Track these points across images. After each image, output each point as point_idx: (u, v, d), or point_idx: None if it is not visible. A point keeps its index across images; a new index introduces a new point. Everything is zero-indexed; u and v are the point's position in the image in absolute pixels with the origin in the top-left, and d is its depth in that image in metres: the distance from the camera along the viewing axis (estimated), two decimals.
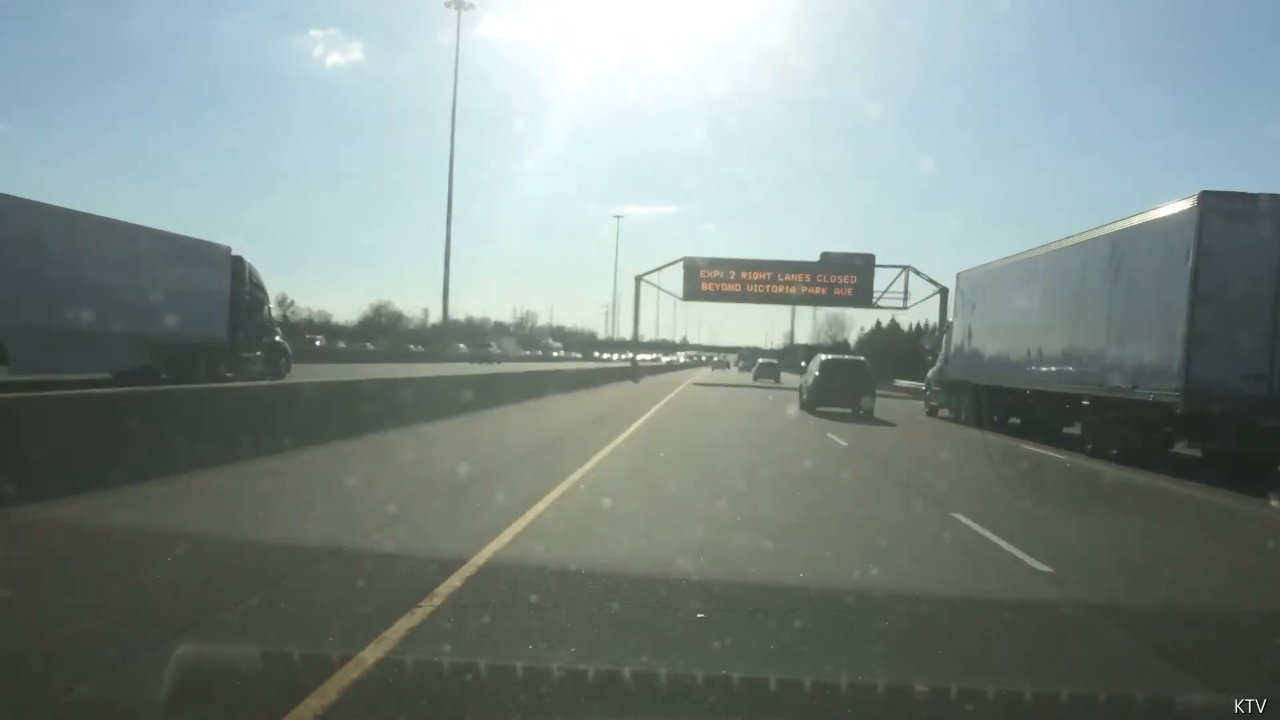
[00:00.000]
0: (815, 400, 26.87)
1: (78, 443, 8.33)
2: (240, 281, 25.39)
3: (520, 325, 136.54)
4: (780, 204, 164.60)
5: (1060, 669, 4.59)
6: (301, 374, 24.96)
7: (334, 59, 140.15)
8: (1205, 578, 7.40)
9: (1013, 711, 3.98)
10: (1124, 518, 10.72)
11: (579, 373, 40.75)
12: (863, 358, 31.09)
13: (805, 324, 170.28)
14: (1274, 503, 11.59)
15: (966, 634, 5.19)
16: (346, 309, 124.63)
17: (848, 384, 26.65)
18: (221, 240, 24.71)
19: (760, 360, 70.21)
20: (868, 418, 25.74)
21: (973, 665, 4.57)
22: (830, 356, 29.65)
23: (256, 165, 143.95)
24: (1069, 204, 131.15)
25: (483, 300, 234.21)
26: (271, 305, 29.31)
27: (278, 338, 28.71)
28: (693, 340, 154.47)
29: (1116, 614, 5.70)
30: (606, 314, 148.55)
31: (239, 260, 25.50)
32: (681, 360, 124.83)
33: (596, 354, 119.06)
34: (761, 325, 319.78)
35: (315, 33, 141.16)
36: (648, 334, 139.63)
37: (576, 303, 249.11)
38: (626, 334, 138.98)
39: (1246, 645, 5.31)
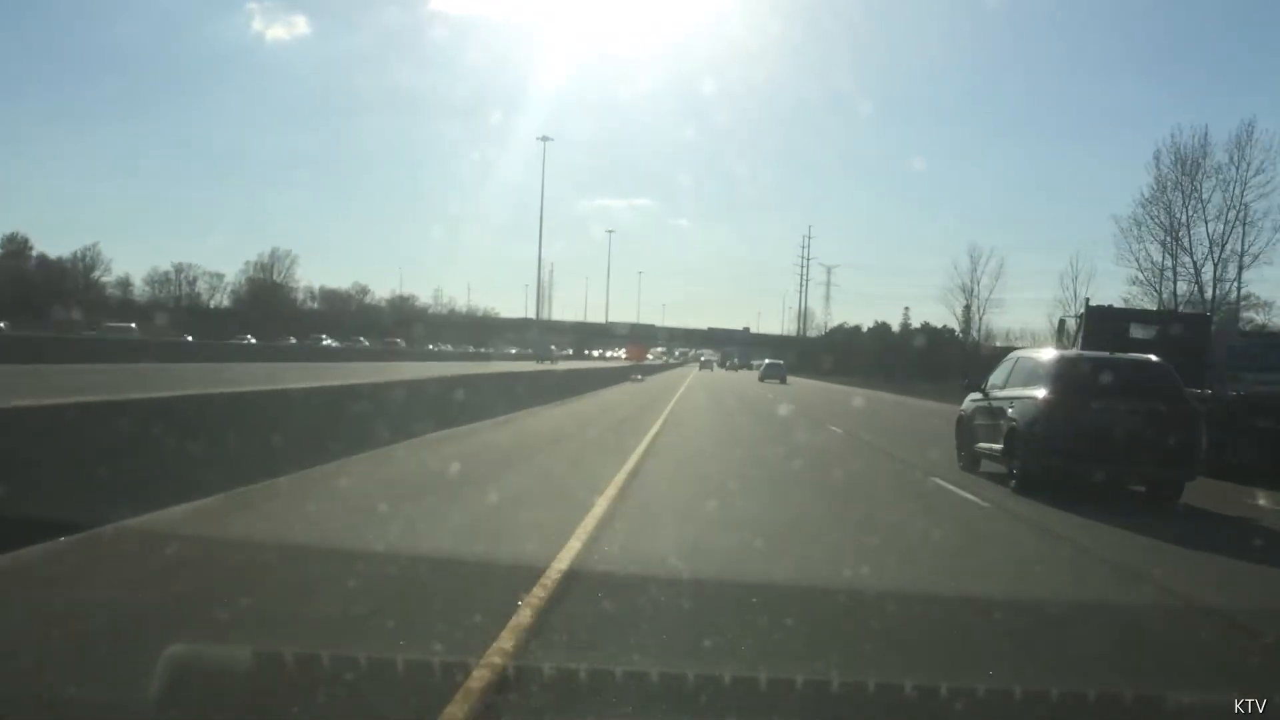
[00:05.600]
0: (1035, 459, 11.15)
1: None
2: None
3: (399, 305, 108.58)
4: (757, 202, 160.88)
5: (1054, 667, 4.60)
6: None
7: (276, 33, 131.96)
8: None
9: (1005, 710, 3.98)
10: None
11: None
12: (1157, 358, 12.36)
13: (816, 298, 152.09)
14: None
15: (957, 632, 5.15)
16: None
17: (1143, 423, 10.86)
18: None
19: (767, 361, 70.59)
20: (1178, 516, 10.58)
21: (963, 663, 4.58)
22: (1079, 353, 13.08)
23: (193, 147, 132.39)
24: (1064, 204, 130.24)
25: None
26: None
27: None
28: (644, 320, 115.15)
29: (1113, 612, 5.70)
30: (528, 291, 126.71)
31: None
32: (623, 357, 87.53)
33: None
34: (738, 304, 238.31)
35: (252, 4, 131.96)
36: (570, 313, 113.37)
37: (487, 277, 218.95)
38: (558, 315, 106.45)
39: None
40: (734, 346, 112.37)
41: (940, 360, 66.80)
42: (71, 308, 66.99)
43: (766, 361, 70.26)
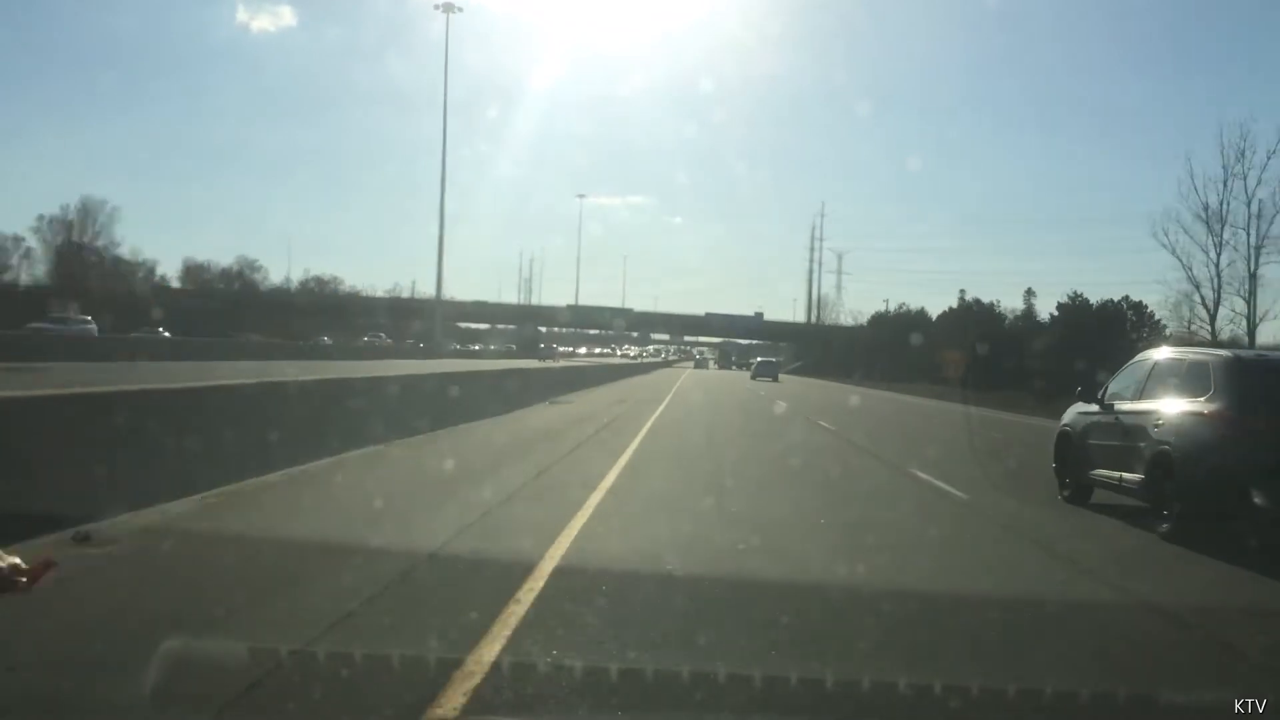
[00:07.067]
0: (1206, 497, 7.96)
1: None
2: None
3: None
4: (756, 196, 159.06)
5: (1047, 666, 4.60)
6: None
7: (261, 24, 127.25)
8: None
9: (998, 708, 3.99)
10: None
11: None
12: None
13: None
14: None
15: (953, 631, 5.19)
16: None
17: None
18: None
19: (759, 359, 71.40)
20: None
21: (958, 662, 4.59)
22: (1260, 354, 11.99)
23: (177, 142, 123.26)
24: (1059, 203, 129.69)
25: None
26: None
27: None
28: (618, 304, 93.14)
29: (1107, 610, 5.72)
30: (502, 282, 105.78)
31: None
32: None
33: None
34: (739, 300, 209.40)
35: None
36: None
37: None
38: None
39: None
40: (737, 340, 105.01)
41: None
42: None
43: (759, 360, 71.11)
